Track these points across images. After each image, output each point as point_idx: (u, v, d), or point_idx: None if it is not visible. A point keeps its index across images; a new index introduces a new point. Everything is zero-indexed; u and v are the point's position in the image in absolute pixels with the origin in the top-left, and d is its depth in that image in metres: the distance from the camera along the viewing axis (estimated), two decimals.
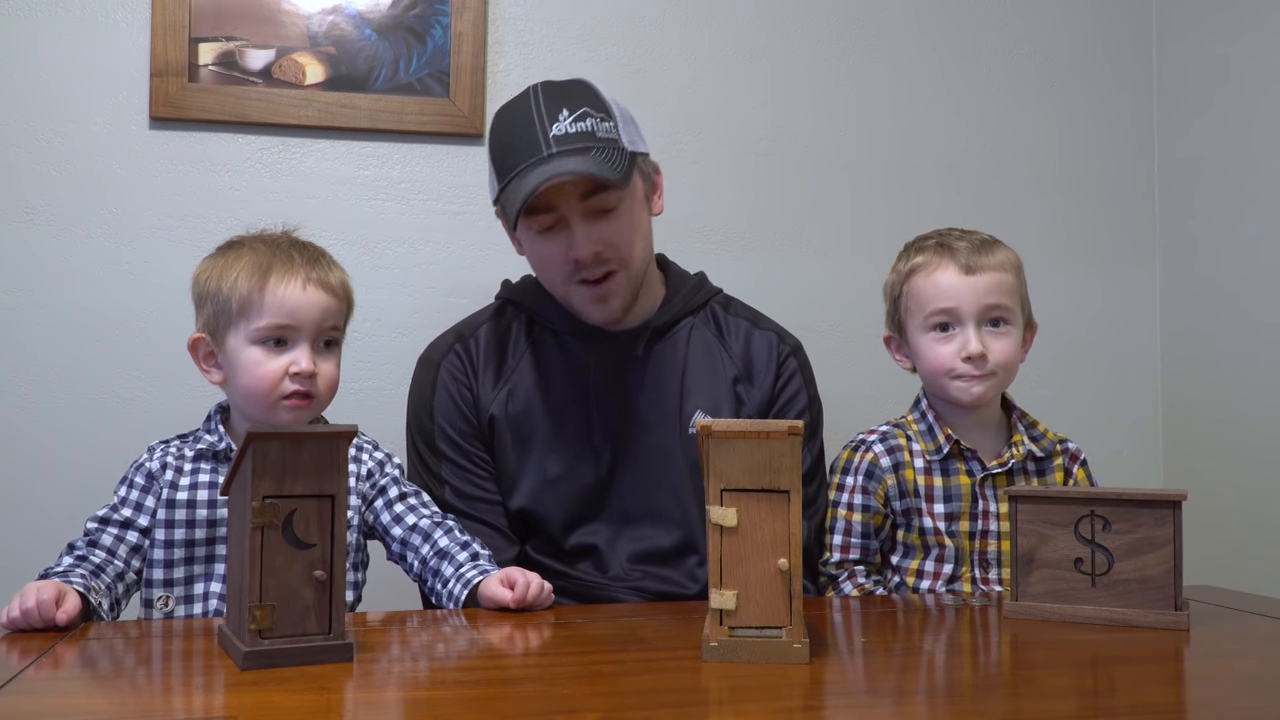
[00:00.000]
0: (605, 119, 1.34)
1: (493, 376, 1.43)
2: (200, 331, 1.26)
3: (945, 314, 1.39)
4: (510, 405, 1.41)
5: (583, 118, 1.31)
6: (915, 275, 1.42)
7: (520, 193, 1.29)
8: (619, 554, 1.39)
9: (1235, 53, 2.01)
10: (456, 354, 1.44)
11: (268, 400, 1.23)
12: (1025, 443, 1.42)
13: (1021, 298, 1.42)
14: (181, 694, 0.84)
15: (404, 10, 1.89)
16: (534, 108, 1.33)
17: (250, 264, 1.23)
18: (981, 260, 1.38)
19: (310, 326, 1.24)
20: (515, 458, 1.40)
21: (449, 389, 1.42)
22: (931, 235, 1.46)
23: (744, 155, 2.03)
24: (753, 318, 1.52)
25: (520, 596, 1.13)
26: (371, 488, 1.29)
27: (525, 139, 1.31)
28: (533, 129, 1.31)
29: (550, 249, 1.36)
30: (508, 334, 1.46)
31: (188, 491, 1.23)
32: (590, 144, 1.30)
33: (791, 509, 0.90)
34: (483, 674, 0.92)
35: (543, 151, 1.30)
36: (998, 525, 1.38)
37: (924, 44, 2.11)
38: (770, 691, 0.82)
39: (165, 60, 1.80)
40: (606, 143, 1.32)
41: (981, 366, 1.37)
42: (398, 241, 1.90)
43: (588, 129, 1.31)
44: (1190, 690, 0.90)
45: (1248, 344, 1.97)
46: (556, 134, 1.30)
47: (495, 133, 1.38)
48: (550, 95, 1.34)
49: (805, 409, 1.48)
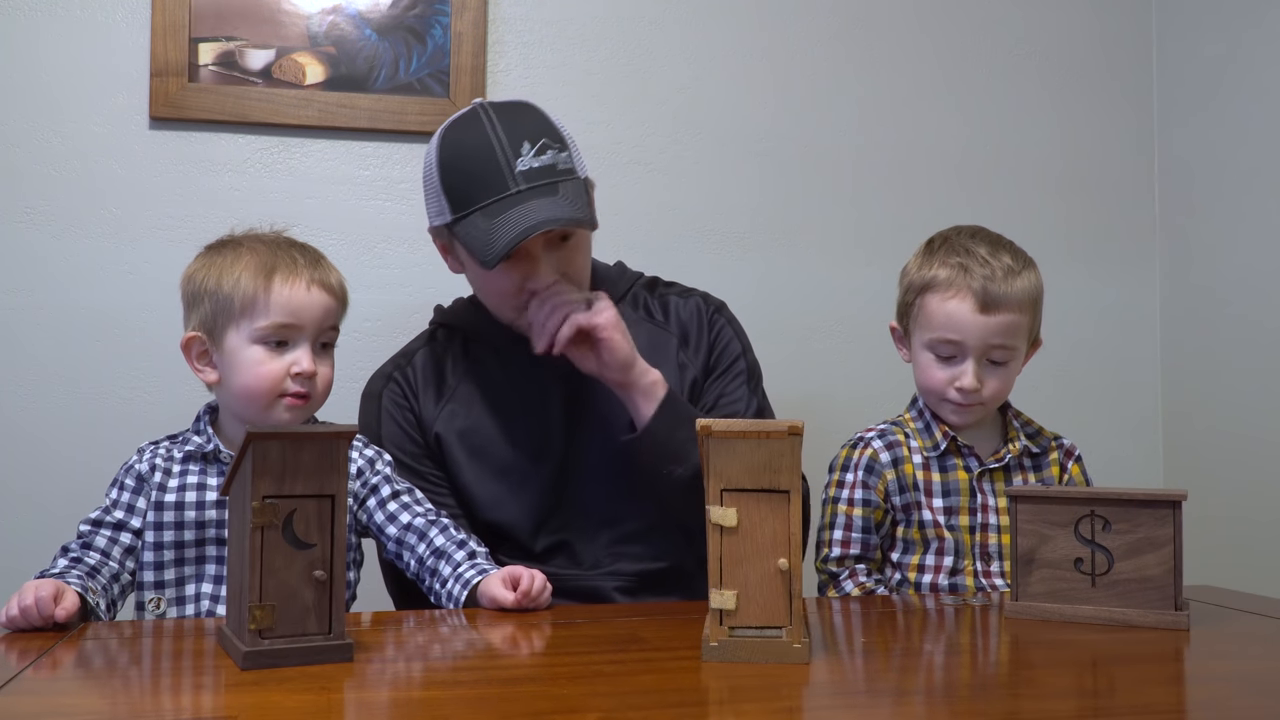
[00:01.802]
0: (561, 148, 1.33)
1: (433, 396, 1.43)
2: (195, 330, 1.25)
3: (950, 345, 1.38)
4: (455, 421, 1.41)
5: (544, 150, 1.30)
6: (931, 293, 1.38)
7: (498, 233, 1.27)
8: (592, 544, 1.40)
9: (1235, 53, 2.01)
10: (395, 381, 1.45)
11: (266, 400, 1.22)
12: (1021, 439, 1.42)
13: (1031, 327, 1.40)
14: (181, 694, 0.84)
15: (404, 10, 1.89)
16: (493, 136, 1.30)
17: (253, 263, 1.23)
18: (1001, 297, 1.34)
19: (312, 327, 1.24)
20: (470, 471, 1.40)
21: (393, 416, 1.43)
22: (957, 245, 1.40)
23: (744, 155, 2.03)
24: (678, 290, 1.54)
25: (525, 589, 1.13)
26: (363, 486, 1.28)
27: (488, 170, 1.29)
28: (495, 161, 1.28)
29: (507, 280, 1.35)
30: (444, 355, 1.46)
31: (176, 493, 1.23)
32: (554, 178, 1.30)
33: (791, 509, 0.90)
34: (482, 674, 0.92)
35: (509, 188, 1.28)
36: (997, 519, 1.39)
37: (924, 44, 2.11)
38: (770, 691, 0.82)
39: (165, 60, 1.80)
40: (566, 175, 1.32)
41: (972, 399, 1.38)
42: (398, 241, 1.90)
43: (549, 162, 1.30)
44: (1190, 690, 0.90)
45: (1248, 344, 1.97)
46: (522, 169, 1.28)
47: (448, 157, 1.33)
48: (507, 123, 1.31)
49: (741, 355, 1.50)
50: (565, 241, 1.35)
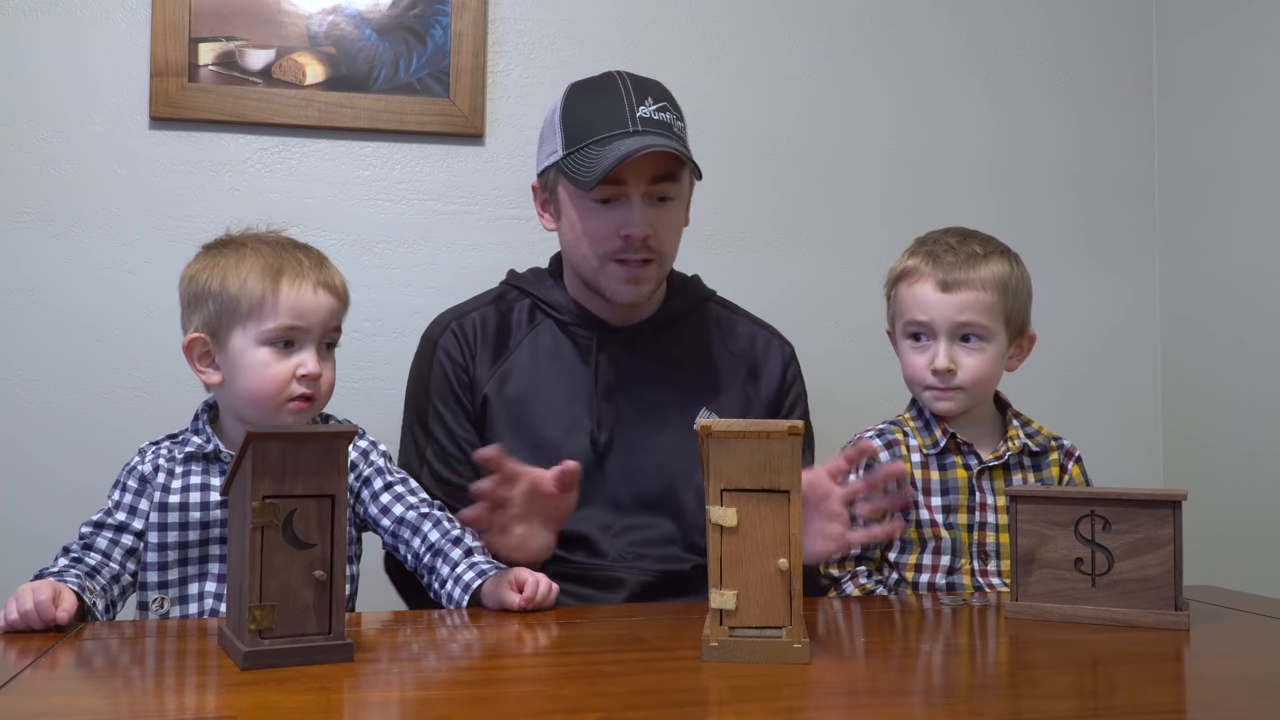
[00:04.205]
0: (679, 119, 1.41)
1: (490, 357, 1.45)
2: (198, 331, 1.25)
3: (919, 325, 1.41)
4: (505, 388, 1.43)
5: (664, 110, 1.39)
6: (901, 281, 1.44)
7: (607, 157, 1.32)
8: (612, 542, 1.39)
9: (1235, 53, 2.01)
10: (453, 333, 1.46)
11: (274, 403, 1.22)
12: (1021, 437, 1.43)
13: (1006, 313, 1.41)
14: (181, 694, 0.84)
15: (404, 10, 1.89)
16: (622, 88, 1.38)
17: (259, 265, 1.23)
18: (962, 276, 1.39)
19: (318, 328, 1.25)
20: (508, 439, 1.40)
21: (444, 368, 1.45)
22: (929, 238, 1.46)
23: (744, 155, 2.03)
24: (747, 317, 1.57)
25: (530, 597, 1.13)
26: (356, 479, 1.28)
27: (612, 113, 1.36)
28: (621, 106, 1.36)
29: (601, 222, 1.39)
30: (509, 317, 1.48)
31: (180, 494, 1.23)
32: (670, 134, 1.37)
33: (791, 509, 0.90)
34: (482, 674, 0.92)
35: (629, 127, 1.35)
36: (995, 518, 1.39)
37: (924, 44, 2.11)
38: (770, 691, 0.82)
39: (165, 60, 1.80)
40: (681, 138, 1.40)
41: (948, 381, 1.39)
42: (398, 241, 1.90)
43: (668, 120, 1.38)
44: (1190, 690, 0.90)
45: (1248, 344, 1.97)
46: (643, 115, 1.36)
47: (572, 103, 1.40)
48: (636, 82, 1.40)
49: (805, 411, 1.54)
50: (664, 202, 1.39)
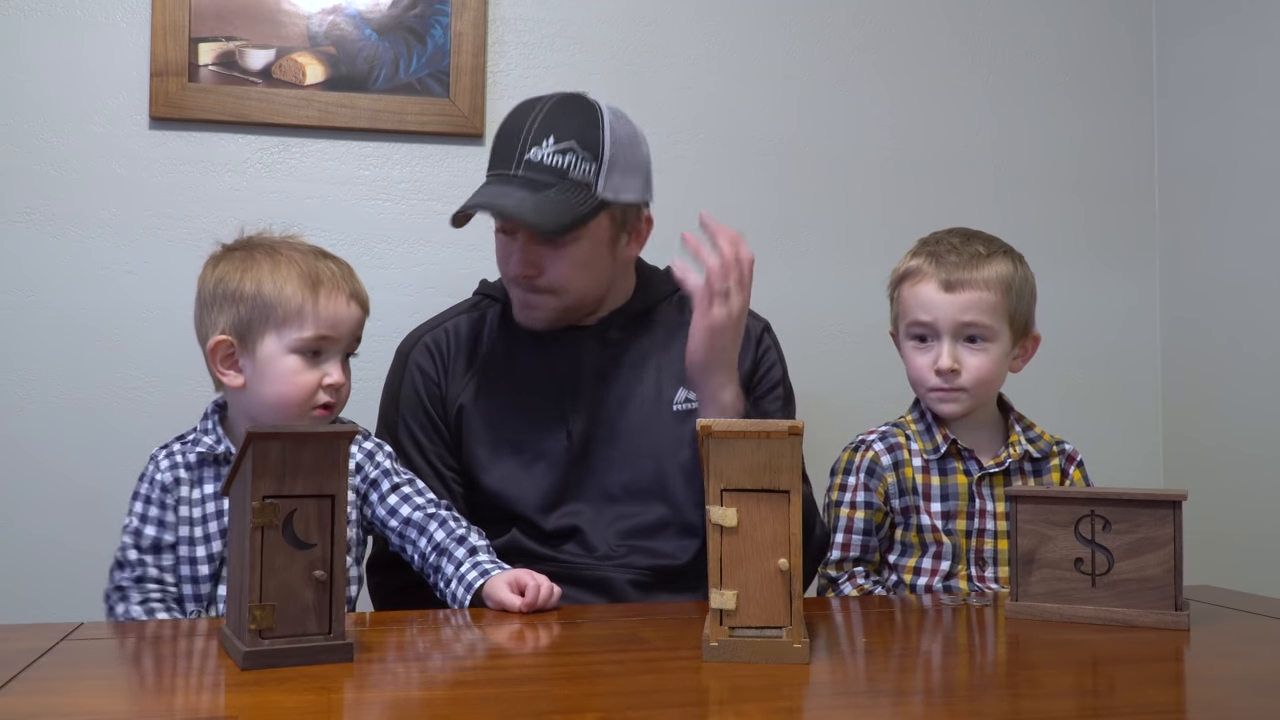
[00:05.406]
0: (590, 159, 1.33)
1: (463, 366, 1.45)
2: (226, 333, 1.23)
3: (922, 326, 1.41)
4: (480, 393, 1.43)
5: (565, 152, 1.31)
6: (904, 282, 1.44)
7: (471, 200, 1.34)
8: (604, 532, 1.39)
9: (1235, 53, 2.01)
10: (426, 347, 1.47)
11: (299, 410, 1.23)
12: (1022, 443, 1.42)
13: (1010, 313, 1.40)
14: (181, 694, 0.84)
15: (404, 10, 1.89)
16: (527, 123, 1.34)
17: (295, 273, 1.23)
18: (966, 276, 1.38)
19: (346, 339, 1.26)
20: (486, 441, 1.41)
21: (415, 382, 1.45)
22: (932, 239, 1.46)
23: (744, 155, 2.03)
24: None
25: (530, 601, 1.12)
26: (363, 481, 1.28)
27: (503, 150, 1.35)
28: (514, 143, 1.33)
29: (500, 249, 1.42)
30: (481, 324, 1.49)
31: (200, 506, 1.25)
32: (553, 181, 1.31)
33: (791, 509, 0.90)
34: (483, 674, 0.92)
35: (509, 169, 1.33)
36: (994, 524, 1.39)
37: (924, 43, 2.11)
38: (770, 691, 0.82)
39: (165, 60, 1.80)
40: (572, 185, 1.32)
41: (952, 381, 1.38)
42: (398, 241, 1.90)
43: (562, 166, 1.31)
44: (1190, 690, 0.90)
45: (1248, 344, 1.97)
46: (530, 159, 1.32)
47: (500, 127, 1.40)
48: (551, 115, 1.34)
49: (781, 380, 1.51)
50: (549, 244, 1.35)
